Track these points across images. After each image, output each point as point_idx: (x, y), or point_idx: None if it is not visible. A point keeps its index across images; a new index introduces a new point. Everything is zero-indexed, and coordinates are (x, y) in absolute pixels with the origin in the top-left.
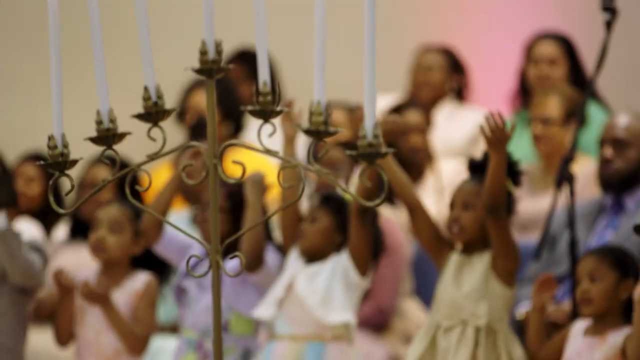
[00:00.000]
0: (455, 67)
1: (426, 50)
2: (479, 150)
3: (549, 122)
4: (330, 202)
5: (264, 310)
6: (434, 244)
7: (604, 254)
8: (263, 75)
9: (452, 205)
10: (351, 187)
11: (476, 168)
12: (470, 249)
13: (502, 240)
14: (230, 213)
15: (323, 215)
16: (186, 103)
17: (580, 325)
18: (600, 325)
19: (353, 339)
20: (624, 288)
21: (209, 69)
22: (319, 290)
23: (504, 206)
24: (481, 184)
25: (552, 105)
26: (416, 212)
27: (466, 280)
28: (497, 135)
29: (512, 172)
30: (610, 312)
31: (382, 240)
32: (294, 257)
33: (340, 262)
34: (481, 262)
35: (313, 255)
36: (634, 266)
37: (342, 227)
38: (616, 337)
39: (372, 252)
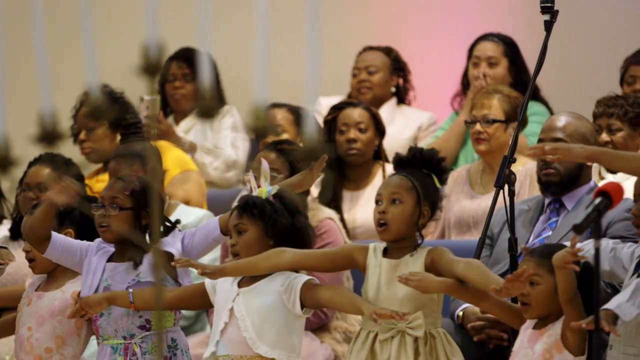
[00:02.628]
0: (397, 68)
1: (368, 51)
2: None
3: (491, 122)
4: (250, 207)
5: (210, 348)
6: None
7: (542, 257)
8: (205, 75)
9: (379, 200)
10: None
11: (403, 163)
12: (398, 251)
13: None
14: (132, 211)
15: (248, 225)
16: (77, 121)
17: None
18: (543, 323)
19: None
20: None
21: (150, 68)
22: (255, 314)
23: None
24: (408, 179)
25: (494, 106)
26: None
27: (399, 287)
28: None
29: (437, 169)
30: (552, 312)
31: (309, 232)
32: (230, 281)
33: (288, 293)
34: (414, 267)
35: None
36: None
37: (272, 229)
38: (555, 326)
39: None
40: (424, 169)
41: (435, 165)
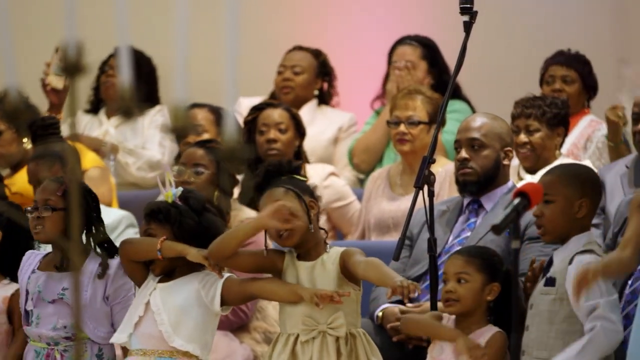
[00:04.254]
0: (322, 72)
1: (297, 50)
2: (339, 151)
3: (414, 123)
4: (156, 213)
5: (119, 335)
6: (267, 265)
7: (472, 256)
8: (125, 75)
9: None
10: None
11: (269, 178)
12: (308, 253)
13: None
14: (65, 211)
15: (157, 230)
16: None
17: (446, 319)
18: (465, 324)
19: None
20: (489, 291)
21: (69, 68)
22: (171, 309)
23: None
24: (285, 188)
25: (418, 107)
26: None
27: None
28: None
29: (293, 170)
30: (475, 313)
31: (220, 228)
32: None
33: (207, 290)
34: (329, 272)
35: (169, 273)
36: (500, 269)
37: (179, 231)
38: (480, 339)
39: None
40: (282, 175)
41: (290, 167)
